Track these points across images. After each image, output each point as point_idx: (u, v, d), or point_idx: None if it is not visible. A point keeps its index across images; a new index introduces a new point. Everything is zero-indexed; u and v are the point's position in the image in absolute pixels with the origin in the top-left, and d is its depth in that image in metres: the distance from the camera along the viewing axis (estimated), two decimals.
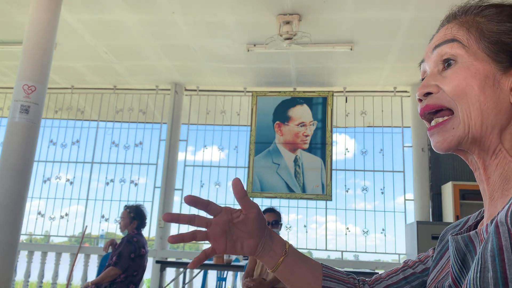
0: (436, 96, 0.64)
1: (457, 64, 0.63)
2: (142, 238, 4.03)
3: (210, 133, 6.69)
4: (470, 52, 0.63)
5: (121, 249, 3.82)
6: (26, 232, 6.47)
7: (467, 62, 0.62)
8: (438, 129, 0.64)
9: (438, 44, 0.67)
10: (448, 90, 0.62)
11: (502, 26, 0.62)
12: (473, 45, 0.63)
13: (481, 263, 0.51)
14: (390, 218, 6.14)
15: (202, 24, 4.74)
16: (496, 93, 0.60)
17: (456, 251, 0.61)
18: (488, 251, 0.50)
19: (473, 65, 0.62)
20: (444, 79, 0.64)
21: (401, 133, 6.33)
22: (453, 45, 0.64)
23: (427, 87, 0.65)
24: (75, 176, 6.63)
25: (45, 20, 3.71)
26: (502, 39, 0.62)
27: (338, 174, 6.27)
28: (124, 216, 4.07)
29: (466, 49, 0.63)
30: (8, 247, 3.36)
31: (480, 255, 0.52)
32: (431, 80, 0.66)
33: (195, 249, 6.68)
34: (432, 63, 0.67)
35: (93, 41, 5.25)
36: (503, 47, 0.61)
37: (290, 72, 5.93)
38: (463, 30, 0.65)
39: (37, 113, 3.57)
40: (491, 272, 0.49)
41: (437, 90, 0.64)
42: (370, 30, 4.73)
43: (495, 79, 0.60)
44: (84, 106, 7.00)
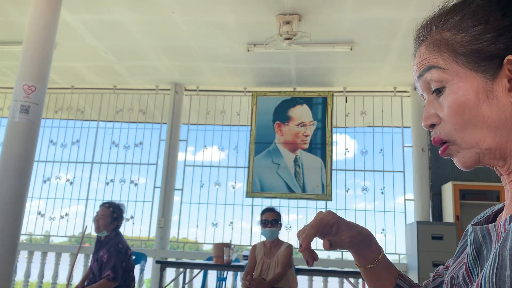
0: (439, 128, 0.63)
1: (446, 90, 0.61)
2: (123, 239, 3.72)
3: (210, 133, 6.70)
4: (452, 73, 0.60)
5: (114, 262, 3.49)
6: (26, 232, 6.47)
7: (454, 86, 0.60)
8: (445, 154, 0.64)
9: (419, 74, 0.65)
10: (448, 121, 0.61)
11: (470, 33, 0.59)
12: (451, 64, 0.61)
13: (499, 260, 0.50)
14: (390, 218, 6.14)
15: (202, 24, 4.74)
16: (494, 104, 0.58)
17: (473, 241, 0.61)
18: (507, 249, 0.49)
19: (460, 88, 0.59)
20: (441, 107, 0.63)
21: (401, 133, 6.33)
22: (432, 72, 0.62)
23: (428, 119, 0.64)
24: (75, 176, 6.63)
25: (45, 20, 3.71)
26: (475, 48, 0.59)
27: (338, 174, 6.27)
28: (106, 214, 3.68)
29: (447, 71, 0.61)
30: (8, 247, 3.36)
31: (498, 252, 0.51)
32: (430, 109, 0.64)
33: (195, 249, 6.69)
34: (425, 90, 0.66)
35: (93, 41, 5.25)
36: (481, 55, 0.59)
37: (290, 72, 5.93)
38: (434, 53, 0.62)
39: (37, 113, 3.57)
40: (508, 270, 0.48)
41: (439, 121, 0.63)
42: (370, 30, 4.73)
43: (487, 91, 0.58)
44: (84, 106, 7.01)
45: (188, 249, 6.48)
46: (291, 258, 3.84)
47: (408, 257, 5.70)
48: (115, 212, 3.72)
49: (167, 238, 6.11)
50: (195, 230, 6.39)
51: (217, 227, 6.34)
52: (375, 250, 0.80)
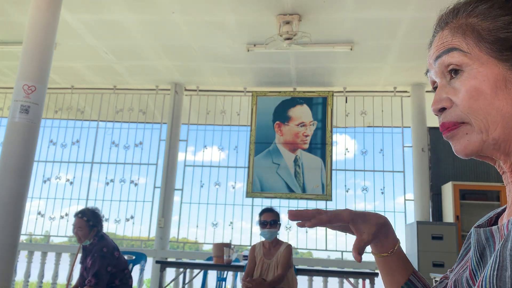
0: (450, 112, 0.62)
1: (463, 73, 0.60)
2: (108, 242, 3.61)
3: (210, 133, 6.70)
4: (473, 58, 0.60)
5: (97, 267, 3.42)
6: (26, 232, 6.47)
7: (473, 70, 0.59)
8: (450, 134, 0.62)
9: (438, 54, 0.64)
10: (461, 104, 0.60)
11: (497, 21, 0.59)
12: (473, 49, 0.60)
13: (499, 261, 0.50)
14: (390, 218, 6.11)
15: (202, 24, 4.74)
16: (510, 94, 0.57)
17: (476, 243, 0.60)
18: (508, 249, 0.49)
19: (480, 72, 0.59)
20: (454, 91, 0.61)
21: (401, 133, 6.33)
22: (453, 54, 0.62)
23: (439, 102, 0.63)
24: (75, 176, 6.63)
25: (45, 20, 3.71)
26: (501, 36, 0.59)
27: (338, 174, 6.27)
28: (82, 225, 3.56)
29: (468, 55, 0.60)
30: (8, 247, 3.36)
31: (499, 252, 0.51)
32: (442, 94, 0.63)
33: (195, 249, 6.69)
34: (438, 74, 0.65)
35: (93, 41, 5.26)
36: (504, 44, 0.58)
37: (290, 72, 5.93)
38: (458, 36, 0.62)
39: (37, 113, 3.57)
40: (509, 271, 0.48)
41: (450, 104, 0.62)
42: (370, 30, 4.73)
43: (506, 80, 0.58)
44: (84, 106, 7.01)
45: (188, 249, 6.48)
46: (290, 258, 3.83)
47: (408, 257, 5.68)
48: (90, 220, 3.60)
49: (167, 238, 6.11)
50: (195, 230, 6.40)
51: (217, 227, 6.35)
52: (392, 240, 0.81)
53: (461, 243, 5.29)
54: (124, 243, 6.67)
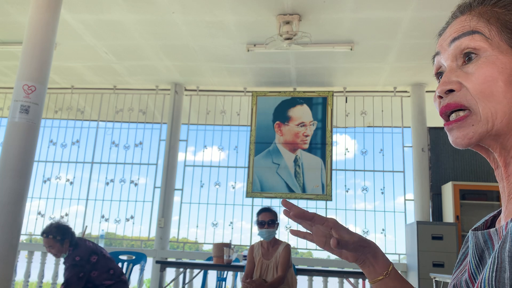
0: (458, 94, 0.60)
1: (480, 58, 0.59)
2: (83, 250, 3.55)
3: (210, 133, 6.70)
4: (494, 45, 0.58)
5: (68, 275, 3.40)
6: (26, 232, 6.47)
7: (492, 56, 0.58)
8: (457, 124, 0.60)
9: (456, 36, 0.62)
10: (473, 88, 0.58)
11: None
12: (495, 36, 0.58)
13: (498, 262, 0.50)
14: (390, 218, 6.14)
15: (202, 24, 4.74)
16: None
17: (475, 246, 0.60)
18: (506, 251, 0.49)
19: (499, 60, 0.57)
20: (466, 75, 0.59)
21: (401, 133, 6.33)
22: (474, 37, 0.60)
23: (449, 84, 0.60)
24: (75, 176, 6.63)
25: (45, 20, 3.71)
26: None
27: (338, 174, 6.27)
28: (51, 244, 3.50)
29: (489, 41, 0.58)
30: (8, 247, 3.36)
31: (497, 254, 0.50)
32: (452, 76, 0.61)
33: (195, 249, 6.69)
34: (451, 56, 0.63)
35: (93, 41, 5.26)
36: None
37: (290, 72, 5.93)
38: (483, 22, 0.60)
39: (37, 113, 3.57)
40: (507, 272, 0.48)
41: (459, 88, 0.60)
42: (370, 30, 4.73)
43: None
44: (84, 106, 7.01)
45: (188, 249, 6.48)
46: (290, 258, 3.83)
47: (408, 257, 5.70)
48: (56, 236, 3.53)
49: (167, 238, 6.11)
50: (195, 230, 6.40)
51: (217, 227, 6.35)
52: (384, 262, 0.80)
53: (461, 243, 5.29)
54: (124, 243, 6.68)
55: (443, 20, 0.69)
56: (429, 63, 5.35)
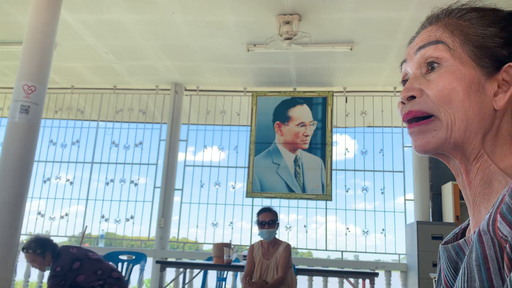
0: (419, 101, 0.63)
1: (442, 67, 0.62)
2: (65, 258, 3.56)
3: (210, 133, 6.70)
4: (455, 56, 0.61)
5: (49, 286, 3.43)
6: (26, 232, 6.47)
7: (453, 66, 0.61)
8: (419, 128, 0.63)
9: (422, 45, 0.65)
10: (433, 95, 0.61)
11: (486, 30, 0.62)
12: (458, 48, 0.62)
13: (467, 272, 0.51)
14: (390, 218, 6.14)
15: (202, 24, 4.74)
16: (480, 99, 0.59)
17: (448, 259, 0.61)
18: (473, 260, 0.50)
19: (459, 70, 0.60)
20: (428, 82, 0.62)
21: (401, 133, 6.33)
22: (438, 47, 0.63)
23: (410, 91, 0.63)
24: (75, 176, 6.63)
25: (45, 20, 3.71)
26: (486, 44, 0.61)
27: (338, 174, 6.27)
28: (32, 258, 3.54)
29: (452, 52, 0.62)
30: (8, 247, 3.36)
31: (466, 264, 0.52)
32: (415, 83, 0.64)
33: (195, 249, 6.69)
34: (415, 64, 0.66)
35: (93, 41, 5.26)
36: (487, 51, 0.61)
37: (290, 72, 5.93)
38: (447, 33, 0.63)
39: (37, 113, 3.57)
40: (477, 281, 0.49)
41: (421, 94, 0.62)
42: (370, 30, 4.73)
43: (480, 84, 0.60)
44: (84, 106, 7.01)
45: (188, 249, 6.48)
46: (290, 258, 3.82)
47: (408, 257, 5.70)
48: (36, 249, 3.56)
49: (167, 238, 6.11)
50: (195, 230, 6.39)
51: (217, 227, 6.35)
52: None
53: None
54: (124, 243, 6.68)
55: None
56: None
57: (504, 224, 0.48)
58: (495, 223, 0.49)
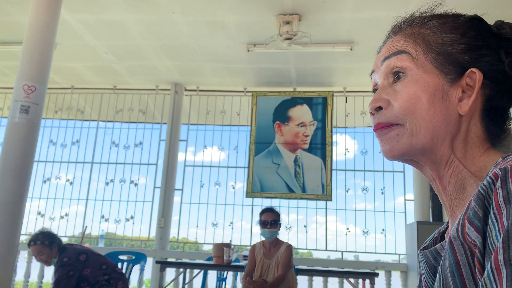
0: (385, 112, 0.64)
1: (406, 77, 0.63)
2: (70, 251, 3.65)
3: (210, 133, 6.70)
4: (419, 64, 0.63)
5: (57, 276, 3.48)
6: (26, 232, 6.47)
7: (416, 75, 0.62)
8: (381, 133, 0.64)
9: (387, 56, 0.66)
10: (398, 105, 0.62)
11: (447, 37, 0.63)
12: (421, 56, 0.63)
13: (442, 279, 0.52)
14: (390, 218, 6.14)
15: (202, 24, 4.74)
16: (445, 106, 0.60)
17: (426, 265, 0.62)
18: (446, 267, 0.51)
19: (422, 78, 0.62)
20: (395, 92, 0.63)
21: None
22: (402, 57, 0.64)
23: (377, 102, 0.65)
24: (75, 176, 6.63)
25: (45, 20, 3.71)
26: (448, 50, 0.62)
27: (338, 174, 6.27)
28: (40, 250, 3.60)
29: (415, 61, 0.63)
30: (8, 247, 3.36)
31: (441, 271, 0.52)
32: (382, 94, 0.65)
33: (195, 249, 6.69)
34: (382, 75, 0.67)
35: (93, 41, 5.26)
36: (449, 58, 0.62)
37: (290, 72, 5.93)
38: (410, 42, 0.65)
39: (37, 113, 3.57)
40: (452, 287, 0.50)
41: (387, 105, 0.64)
42: (370, 30, 4.73)
43: (444, 91, 0.61)
44: (84, 106, 7.01)
45: (188, 249, 6.48)
46: (291, 258, 3.83)
47: (408, 257, 5.70)
48: (44, 241, 3.63)
49: (167, 238, 6.11)
50: (195, 230, 6.40)
51: (217, 227, 6.35)
52: None
53: None
54: (124, 243, 6.68)
55: None
56: None
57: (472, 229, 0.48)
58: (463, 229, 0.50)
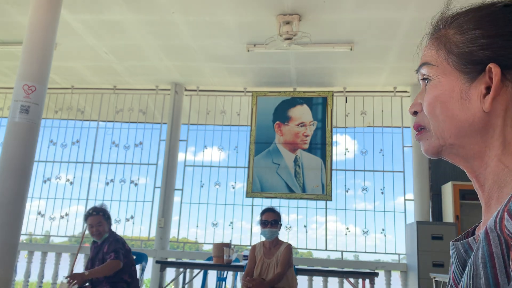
0: (419, 115, 0.68)
1: (430, 82, 0.66)
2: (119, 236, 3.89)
3: (210, 133, 6.69)
4: (439, 70, 0.65)
5: (114, 247, 3.65)
6: (26, 232, 6.47)
7: (435, 80, 0.65)
8: (417, 137, 0.69)
9: (418, 67, 0.70)
10: (424, 110, 0.66)
11: (468, 35, 0.62)
12: (442, 62, 0.65)
13: (473, 269, 0.51)
14: (390, 218, 6.14)
15: (202, 24, 4.74)
16: (465, 105, 0.61)
17: (456, 256, 0.62)
18: (479, 257, 0.51)
19: (440, 83, 0.64)
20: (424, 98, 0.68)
21: (401, 133, 6.32)
22: (424, 68, 0.68)
23: (413, 107, 0.70)
24: (75, 176, 6.63)
25: (45, 20, 3.71)
26: (467, 50, 0.62)
27: (338, 174, 6.27)
28: (100, 220, 3.78)
29: (435, 68, 0.65)
30: (8, 247, 3.36)
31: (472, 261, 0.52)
32: (418, 99, 0.69)
33: (195, 249, 6.69)
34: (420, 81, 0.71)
35: (93, 41, 5.25)
36: (468, 57, 0.62)
37: (290, 72, 5.93)
38: (433, 49, 0.67)
39: (37, 113, 3.57)
40: (483, 278, 0.49)
41: (421, 109, 0.68)
42: (370, 30, 4.73)
43: (463, 91, 0.61)
44: (84, 106, 7.01)
45: (188, 249, 6.48)
46: (290, 258, 3.84)
47: (408, 257, 5.70)
48: (105, 214, 3.84)
49: (167, 238, 6.11)
50: (195, 230, 6.40)
51: (217, 227, 6.35)
52: None
53: None
54: None
55: None
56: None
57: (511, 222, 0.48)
58: (502, 221, 0.49)
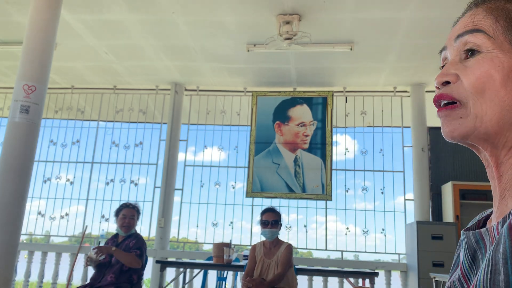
0: (453, 86, 0.60)
1: (480, 54, 0.59)
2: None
3: (210, 133, 6.69)
4: (496, 44, 0.58)
5: (141, 245, 3.84)
6: (26, 232, 6.47)
7: (492, 53, 0.58)
8: (445, 113, 0.61)
9: (461, 33, 0.62)
10: (467, 83, 0.59)
11: None
12: (499, 35, 0.58)
13: (492, 265, 0.49)
14: (390, 218, 6.14)
15: (202, 24, 4.74)
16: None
17: (467, 246, 0.60)
18: (500, 253, 0.49)
19: (498, 58, 0.57)
20: (465, 68, 0.60)
21: (401, 133, 6.32)
22: (477, 35, 0.60)
23: (446, 76, 0.61)
24: (75, 176, 6.63)
25: (45, 20, 3.71)
26: None
27: (338, 174, 6.27)
28: (134, 214, 4.03)
29: (492, 40, 0.59)
30: (8, 247, 3.36)
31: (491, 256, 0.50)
32: (451, 68, 0.61)
33: (195, 249, 6.69)
34: (454, 51, 0.63)
35: (93, 41, 5.26)
36: None
37: (290, 72, 5.93)
38: (490, 19, 0.60)
39: (37, 113, 3.57)
40: (502, 275, 0.48)
41: (456, 80, 0.60)
42: (370, 30, 4.73)
43: None
44: (84, 106, 7.01)
45: (188, 249, 6.48)
46: (291, 258, 3.83)
47: (408, 257, 5.70)
48: (138, 211, 4.09)
49: (167, 238, 6.11)
50: (195, 230, 6.40)
51: (217, 227, 6.35)
52: None
53: None
54: None
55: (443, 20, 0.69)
56: (429, 63, 5.36)
57: None
58: None
